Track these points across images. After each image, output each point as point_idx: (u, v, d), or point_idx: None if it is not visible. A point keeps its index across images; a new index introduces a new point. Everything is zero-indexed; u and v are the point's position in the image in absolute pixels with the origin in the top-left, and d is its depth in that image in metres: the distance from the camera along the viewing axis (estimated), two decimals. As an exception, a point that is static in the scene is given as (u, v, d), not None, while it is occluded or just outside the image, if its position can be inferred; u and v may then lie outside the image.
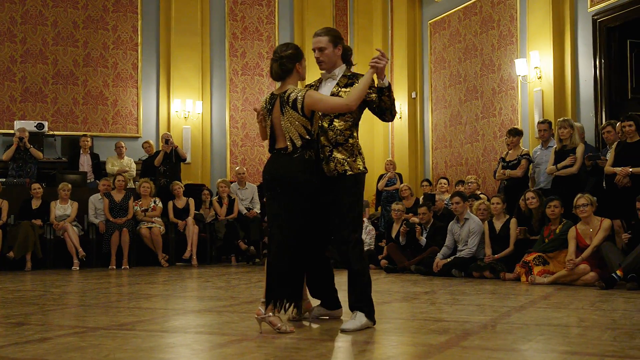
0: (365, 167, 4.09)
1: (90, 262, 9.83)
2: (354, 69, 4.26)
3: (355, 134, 4.09)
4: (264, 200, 4.92)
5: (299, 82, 4.10)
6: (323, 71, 4.20)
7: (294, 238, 3.88)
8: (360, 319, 3.89)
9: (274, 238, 3.92)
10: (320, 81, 4.22)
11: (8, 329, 4.08)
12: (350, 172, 3.98)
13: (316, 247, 4.15)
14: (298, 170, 3.87)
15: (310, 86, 4.21)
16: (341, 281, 4.30)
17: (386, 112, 4.07)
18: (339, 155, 4.00)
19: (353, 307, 3.97)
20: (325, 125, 4.05)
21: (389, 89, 3.98)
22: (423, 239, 8.61)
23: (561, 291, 6.09)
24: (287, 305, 3.92)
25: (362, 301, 3.94)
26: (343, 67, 4.16)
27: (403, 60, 13.46)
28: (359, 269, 3.97)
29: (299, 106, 3.85)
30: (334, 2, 14.27)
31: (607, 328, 3.91)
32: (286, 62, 3.95)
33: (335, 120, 4.04)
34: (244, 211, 10.96)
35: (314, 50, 4.14)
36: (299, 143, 3.88)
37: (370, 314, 3.95)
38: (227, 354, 3.28)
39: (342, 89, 4.06)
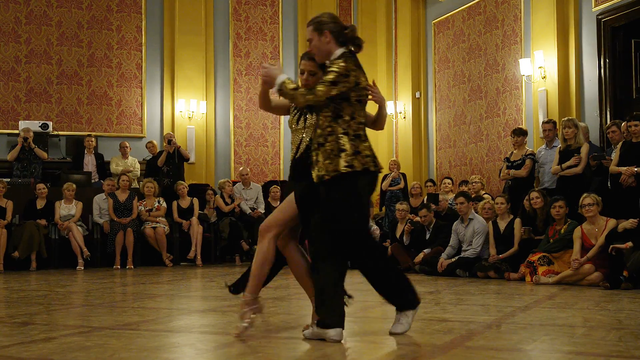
0: (350, 165, 3.47)
1: (94, 262, 9.84)
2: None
3: (337, 130, 3.52)
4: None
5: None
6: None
7: None
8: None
9: None
10: None
11: (13, 328, 4.09)
12: (327, 177, 3.50)
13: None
14: None
15: None
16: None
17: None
18: (320, 159, 3.55)
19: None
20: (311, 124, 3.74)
21: (280, 92, 3.58)
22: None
23: (566, 291, 6.07)
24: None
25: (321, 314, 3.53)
26: (337, 53, 3.62)
27: (407, 60, 13.44)
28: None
29: None
30: (337, 2, 14.24)
31: (612, 328, 3.90)
32: None
33: (310, 116, 3.74)
34: (248, 211, 10.96)
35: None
36: None
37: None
38: (231, 354, 3.28)
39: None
